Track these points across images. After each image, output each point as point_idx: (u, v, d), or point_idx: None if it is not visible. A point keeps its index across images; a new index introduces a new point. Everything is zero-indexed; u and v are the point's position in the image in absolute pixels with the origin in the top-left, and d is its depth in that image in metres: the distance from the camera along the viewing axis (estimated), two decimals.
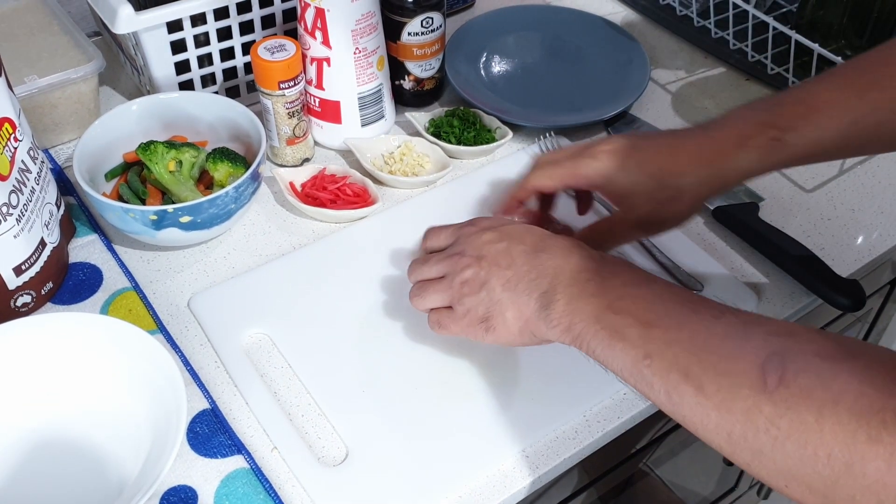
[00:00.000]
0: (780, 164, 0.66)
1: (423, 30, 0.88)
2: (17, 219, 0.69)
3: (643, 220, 0.68)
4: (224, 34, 0.88)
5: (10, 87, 0.71)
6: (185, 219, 0.73)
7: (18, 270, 0.71)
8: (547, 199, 0.75)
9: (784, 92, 0.68)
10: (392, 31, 0.88)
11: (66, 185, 0.85)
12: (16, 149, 0.70)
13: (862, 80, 0.64)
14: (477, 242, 0.64)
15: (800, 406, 0.45)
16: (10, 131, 0.69)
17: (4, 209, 0.68)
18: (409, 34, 0.88)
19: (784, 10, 1.05)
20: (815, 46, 0.91)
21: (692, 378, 0.50)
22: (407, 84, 0.93)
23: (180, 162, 0.79)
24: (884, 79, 0.63)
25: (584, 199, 0.76)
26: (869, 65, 0.65)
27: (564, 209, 0.76)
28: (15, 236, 0.69)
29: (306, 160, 0.88)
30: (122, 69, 0.98)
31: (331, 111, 0.87)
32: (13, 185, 0.69)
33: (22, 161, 0.71)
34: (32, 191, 0.72)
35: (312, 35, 0.82)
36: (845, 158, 0.66)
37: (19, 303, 0.73)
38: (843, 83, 0.65)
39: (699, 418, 0.50)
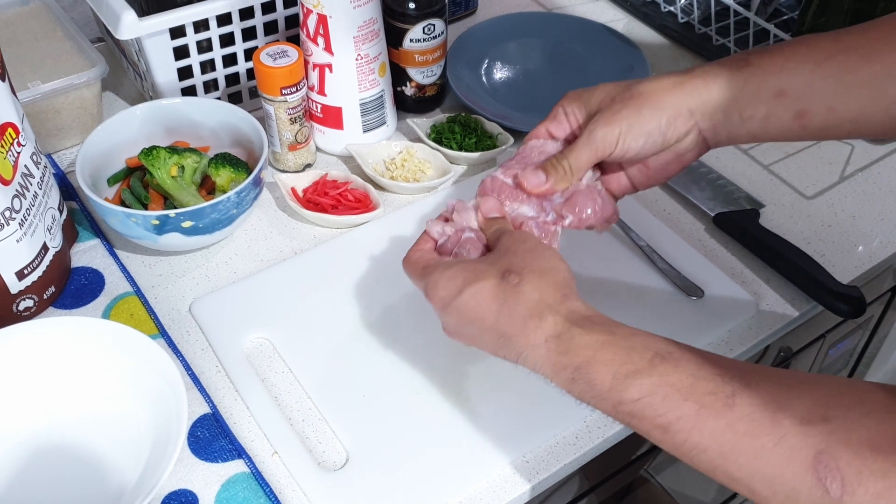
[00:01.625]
0: (745, 91, 0.62)
1: (425, 36, 0.88)
2: (19, 223, 0.69)
3: (601, 128, 0.64)
4: (227, 40, 0.88)
5: (13, 92, 0.72)
6: (187, 224, 0.74)
7: (21, 275, 0.71)
8: None
9: None
10: (394, 38, 0.89)
11: (68, 190, 0.86)
12: (19, 153, 0.70)
13: (842, 30, 0.63)
14: (447, 322, 0.60)
15: None
16: (14, 136, 0.70)
17: (7, 214, 0.68)
18: (411, 41, 0.89)
19: (785, 17, 1.05)
20: None
21: (740, 483, 0.48)
22: (409, 90, 0.93)
23: (182, 167, 0.79)
24: (862, 29, 0.62)
25: None
26: (852, 27, 0.63)
27: None
28: (17, 241, 0.69)
29: (308, 166, 0.89)
30: (124, 75, 0.99)
31: (333, 117, 0.87)
32: (16, 190, 0.69)
33: (25, 166, 0.71)
34: (35, 195, 0.72)
35: (314, 41, 0.82)
36: (814, 119, 0.62)
37: (21, 307, 0.73)
38: (824, 33, 0.64)
39: None
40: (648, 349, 0.52)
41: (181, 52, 0.86)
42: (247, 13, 0.87)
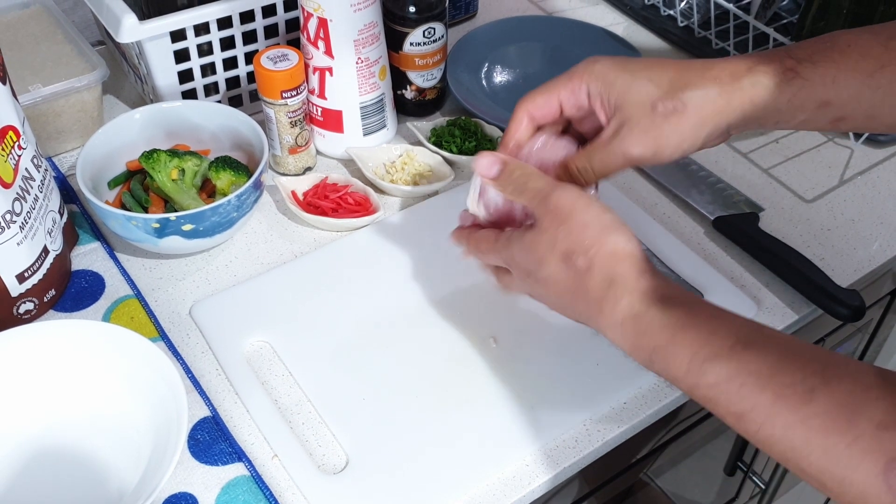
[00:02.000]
0: (791, 103, 0.59)
1: (425, 40, 0.89)
2: (20, 226, 0.69)
3: (638, 140, 0.60)
4: (227, 44, 0.88)
5: (14, 95, 0.72)
6: (188, 227, 0.74)
7: (21, 278, 0.71)
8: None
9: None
10: (394, 42, 0.89)
11: (69, 193, 0.86)
12: (19, 157, 0.70)
13: (888, 31, 0.60)
14: (526, 289, 0.61)
15: None
16: (14, 139, 0.70)
17: (8, 217, 0.68)
18: (411, 44, 0.89)
19: (784, 21, 1.06)
20: None
21: (810, 476, 0.47)
22: (409, 94, 0.93)
23: (183, 170, 0.79)
24: None
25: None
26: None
27: None
28: (18, 244, 0.70)
29: (308, 169, 0.89)
30: (125, 78, 0.99)
31: (333, 120, 0.87)
32: (17, 193, 0.69)
33: (26, 169, 0.71)
34: (36, 198, 0.72)
35: (315, 45, 0.83)
36: (859, 126, 0.60)
37: (22, 310, 0.73)
38: (869, 31, 0.61)
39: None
40: (731, 334, 0.51)
41: (182, 56, 0.86)
42: (247, 17, 0.87)
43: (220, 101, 0.91)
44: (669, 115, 0.59)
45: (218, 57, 0.88)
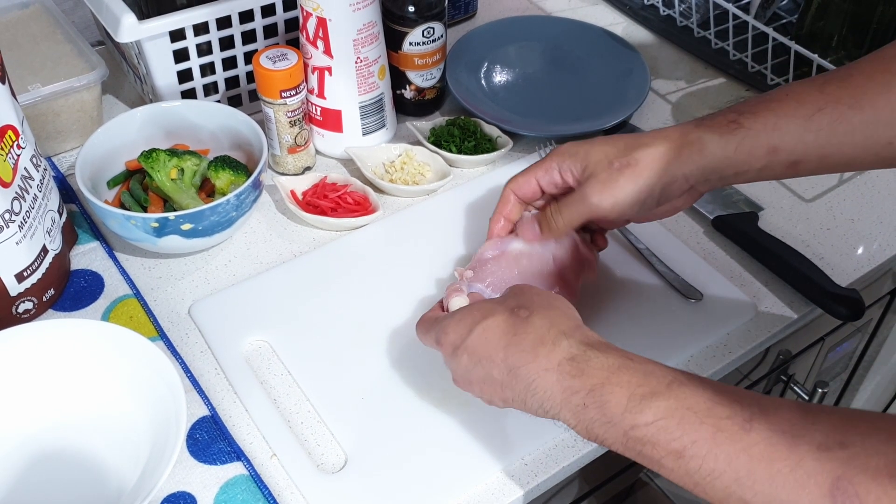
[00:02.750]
0: (739, 151, 0.63)
1: (425, 40, 0.89)
2: (19, 225, 0.69)
3: (597, 189, 0.66)
4: (226, 43, 0.88)
5: (13, 94, 0.72)
6: (187, 226, 0.74)
7: (20, 277, 0.71)
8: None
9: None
10: (393, 41, 0.89)
11: (68, 193, 0.86)
12: (18, 156, 0.70)
13: (823, 78, 0.64)
14: (456, 368, 0.61)
15: None
16: (14, 139, 0.70)
17: (7, 216, 0.68)
18: (411, 44, 0.89)
19: (784, 20, 1.06)
20: (815, 57, 0.91)
21: None
22: (408, 93, 0.93)
23: (182, 170, 0.79)
24: (845, 77, 0.62)
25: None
26: (832, 71, 0.65)
27: None
28: (17, 243, 0.70)
29: (307, 169, 0.89)
30: (124, 78, 0.99)
31: (332, 120, 0.87)
32: (16, 193, 0.69)
33: (25, 168, 0.71)
34: (35, 198, 0.72)
35: (314, 44, 0.83)
36: (811, 168, 0.64)
37: (21, 309, 0.73)
38: (805, 80, 0.65)
39: None
40: (666, 374, 0.52)
41: (181, 56, 0.86)
42: (246, 16, 0.87)
43: (219, 101, 0.91)
44: (624, 169, 0.65)
45: (217, 57, 0.89)
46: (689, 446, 0.49)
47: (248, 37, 0.89)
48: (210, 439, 0.67)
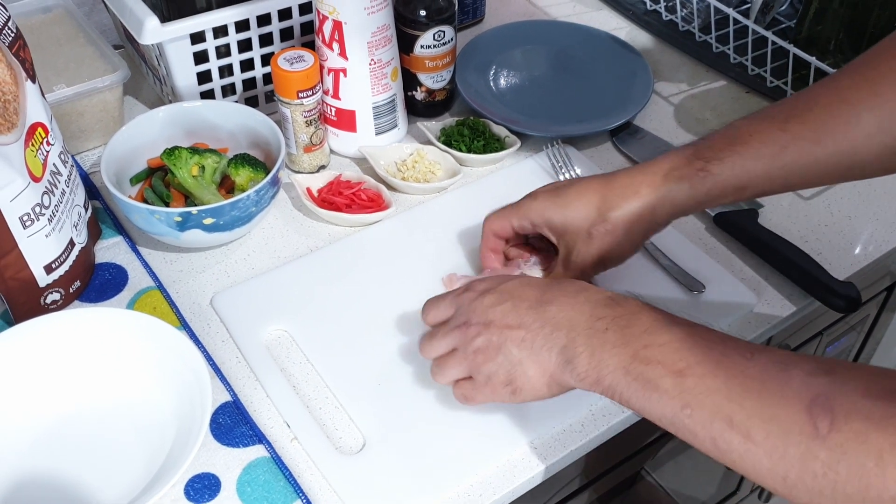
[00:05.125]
0: (709, 195, 0.68)
1: (436, 43, 0.92)
2: (48, 219, 0.72)
3: (584, 260, 0.71)
4: (244, 45, 0.91)
5: (42, 93, 0.75)
6: (209, 220, 0.76)
7: (49, 269, 0.74)
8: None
9: (715, 130, 0.70)
10: (405, 44, 0.92)
11: (91, 190, 0.89)
12: (48, 152, 0.73)
13: (784, 113, 0.67)
14: (479, 308, 0.63)
15: (857, 451, 0.45)
16: (43, 135, 0.73)
17: (37, 209, 0.71)
18: (422, 47, 0.92)
19: (783, 25, 1.09)
20: (813, 60, 0.94)
21: (737, 425, 0.50)
22: (419, 94, 0.96)
23: (203, 167, 0.82)
24: (804, 112, 0.66)
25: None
26: (791, 102, 0.68)
27: None
28: (46, 235, 0.72)
29: (322, 167, 0.92)
30: (143, 79, 1.02)
31: (346, 120, 0.90)
32: (45, 187, 0.72)
33: (53, 164, 0.74)
34: (63, 192, 0.75)
35: (330, 47, 0.86)
36: (777, 192, 0.70)
37: (49, 300, 0.76)
38: (766, 116, 0.68)
39: (750, 464, 0.50)
40: (690, 321, 0.57)
41: (201, 57, 0.89)
42: (264, 19, 0.90)
43: (237, 101, 0.94)
44: (604, 236, 0.70)
45: (235, 59, 0.91)
46: (693, 366, 0.53)
47: (266, 39, 0.92)
48: (233, 423, 0.69)
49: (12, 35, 0.72)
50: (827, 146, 0.64)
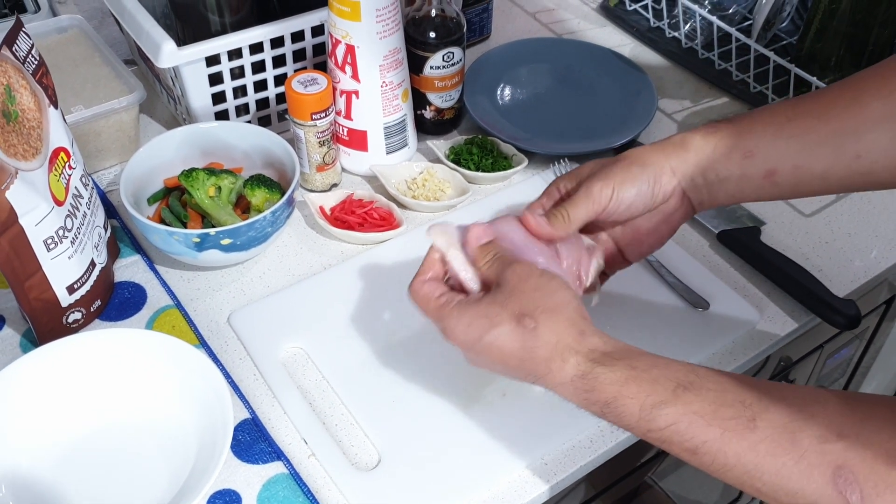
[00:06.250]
0: (716, 148, 0.68)
1: (445, 63, 0.94)
2: (71, 241, 0.74)
3: (596, 180, 0.68)
4: (258, 67, 0.93)
5: (63, 118, 0.77)
6: (226, 241, 0.79)
7: (71, 289, 0.76)
8: None
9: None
10: (415, 65, 0.94)
11: (109, 209, 0.90)
12: (70, 176, 0.75)
13: (797, 98, 0.69)
14: (471, 359, 0.64)
15: None
16: (66, 160, 0.75)
17: (61, 232, 0.73)
18: (432, 68, 0.94)
19: (784, 42, 1.10)
20: (814, 80, 0.96)
21: (766, 496, 0.52)
22: (428, 114, 0.98)
23: (219, 188, 0.84)
24: (815, 96, 0.68)
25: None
26: (811, 93, 0.70)
27: None
28: (69, 257, 0.74)
29: (334, 185, 0.94)
30: (157, 98, 1.04)
31: (358, 140, 0.92)
32: (68, 210, 0.74)
33: (75, 187, 0.76)
34: (84, 215, 0.77)
35: (342, 69, 0.88)
36: (785, 174, 0.67)
37: (70, 319, 0.78)
38: (787, 99, 0.70)
39: None
40: (670, 380, 0.57)
41: (215, 79, 0.91)
42: (277, 42, 0.92)
43: (250, 122, 0.96)
44: (616, 162, 0.69)
45: (249, 80, 0.93)
46: (700, 446, 0.55)
47: (279, 61, 0.94)
48: (252, 440, 0.71)
49: (35, 63, 0.74)
50: (830, 123, 0.65)
